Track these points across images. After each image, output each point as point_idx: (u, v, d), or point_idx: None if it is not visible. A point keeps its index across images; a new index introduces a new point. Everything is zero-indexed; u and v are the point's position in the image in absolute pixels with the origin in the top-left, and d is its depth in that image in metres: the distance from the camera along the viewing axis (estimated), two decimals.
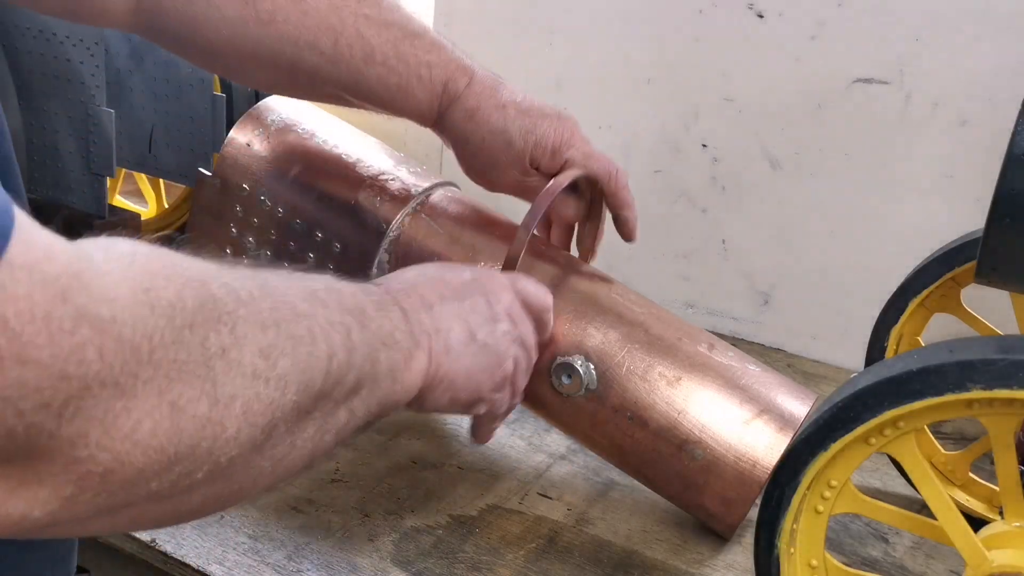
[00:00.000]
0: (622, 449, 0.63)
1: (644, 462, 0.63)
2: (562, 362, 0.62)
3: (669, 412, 0.61)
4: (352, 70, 0.61)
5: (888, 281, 0.71)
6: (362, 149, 0.73)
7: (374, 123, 1.38)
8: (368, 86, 0.62)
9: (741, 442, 0.60)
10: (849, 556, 0.66)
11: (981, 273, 0.49)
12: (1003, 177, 0.45)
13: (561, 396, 0.63)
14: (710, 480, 0.61)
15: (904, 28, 0.90)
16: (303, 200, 0.71)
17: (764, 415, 0.60)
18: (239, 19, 0.58)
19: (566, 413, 0.64)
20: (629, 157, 1.10)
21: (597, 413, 0.63)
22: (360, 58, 0.61)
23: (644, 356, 0.62)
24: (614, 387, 0.62)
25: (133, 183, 1.16)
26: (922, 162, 0.93)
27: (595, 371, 0.62)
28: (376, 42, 0.61)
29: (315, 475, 0.69)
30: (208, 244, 0.75)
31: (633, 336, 0.63)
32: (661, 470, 0.62)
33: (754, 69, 0.99)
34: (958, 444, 0.80)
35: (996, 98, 0.88)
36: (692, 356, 0.63)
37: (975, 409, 0.43)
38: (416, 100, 0.64)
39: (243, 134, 0.73)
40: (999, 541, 0.47)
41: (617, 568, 0.62)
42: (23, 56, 0.84)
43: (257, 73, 0.63)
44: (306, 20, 0.59)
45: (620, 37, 1.07)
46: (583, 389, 0.62)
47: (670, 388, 0.61)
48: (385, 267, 0.69)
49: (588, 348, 0.62)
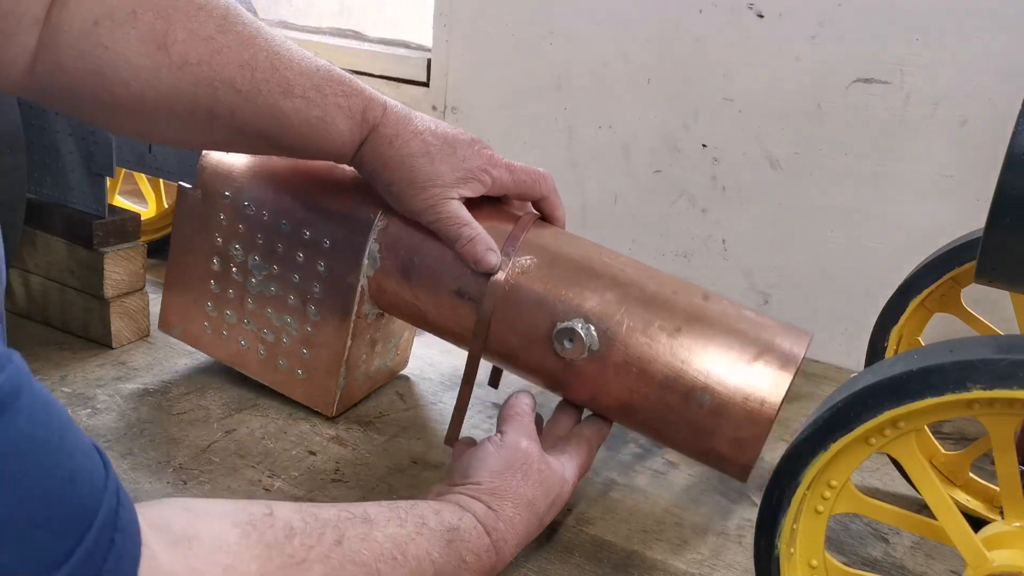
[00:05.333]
0: (630, 406, 0.64)
1: (653, 416, 0.63)
2: (563, 327, 0.63)
3: (673, 362, 0.61)
4: (271, 105, 0.59)
5: (888, 281, 0.71)
6: None
7: None
8: (288, 122, 0.60)
9: (747, 383, 0.60)
10: (849, 556, 0.66)
11: (981, 273, 0.49)
12: (1003, 177, 0.45)
13: (565, 361, 0.64)
14: (720, 423, 0.61)
15: (904, 28, 0.90)
16: (288, 201, 0.71)
17: (765, 355, 0.61)
18: (151, 67, 0.55)
19: (572, 378, 0.65)
20: (629, 157, 1.10)
21: (602, 373, 0.63)
22: (278, 92, 0.59)
23: (642, 312, 0.63)
24: (616, 345, 0.62)
25: (133, 183, 1.16)
26: (922, 162, 0.93)
27: (596, 332, 0.63)
28: (291, 75, 0.59)
29: (315, 475, 0.69)
30: (193, 256, 0.76)
31: (629, 294, 0.63)
32: (671, 421, 0.63)
33: (754, 69, 0.99)
34: (958, 444, 0.80)
35: (996, 98, 0.88)
36: (688, 307, 0.63)
37: (975, 409, 0.43)
38: (338, 131, 0.62)
39: None
40: (999, 541, 0.47)
41: (617, 568, 0.62)
42: None
43: (170, 125, 0.59)
44: (219, 58, 0.57)
45: (620, 37, 1.07)
46: (586, 351, 0.62)
47: (671, 339, 0.62)
48: (376, 257, 0.69)
49: (587, 311, 0.63)
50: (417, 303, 0.69)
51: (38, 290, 0.88)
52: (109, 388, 0.78)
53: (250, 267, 0.73)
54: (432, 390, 0.84)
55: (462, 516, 0.53)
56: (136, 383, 0.79)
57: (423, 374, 0.87)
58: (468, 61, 1.20)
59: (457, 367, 0.89)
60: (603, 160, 1.12)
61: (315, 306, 0.72)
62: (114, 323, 0.84)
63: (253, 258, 0.73)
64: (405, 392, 0.84)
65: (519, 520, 0.56)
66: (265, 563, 0.40)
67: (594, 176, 1.13)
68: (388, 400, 0.82)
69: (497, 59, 1.17)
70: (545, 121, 1.15)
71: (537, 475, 0.58)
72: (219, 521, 0.40)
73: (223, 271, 0.75)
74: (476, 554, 0.52)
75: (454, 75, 1.22)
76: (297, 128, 0.61)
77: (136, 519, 0.34)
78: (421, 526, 0.50)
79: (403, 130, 0.63)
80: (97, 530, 0.32)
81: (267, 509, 0.43)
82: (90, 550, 0.31)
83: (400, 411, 0.80)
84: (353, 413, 0.78)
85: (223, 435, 0.73)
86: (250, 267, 0.73)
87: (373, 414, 0.79)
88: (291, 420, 0.76)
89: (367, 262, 0.69)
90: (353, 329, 0.71)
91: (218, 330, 0.77)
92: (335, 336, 0.72)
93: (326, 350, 0.73)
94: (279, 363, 0.75)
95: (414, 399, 0.82)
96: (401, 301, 0.70)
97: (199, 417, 0.75)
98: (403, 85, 1.29)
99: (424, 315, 0.69)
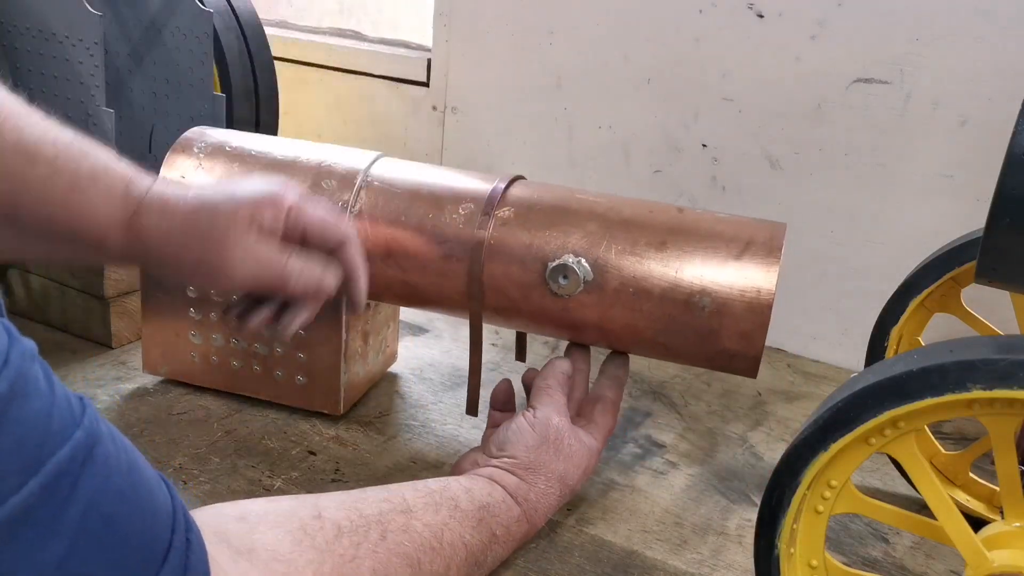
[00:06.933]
0: (635, 327, 0.65)
1: (659, 330, 0.65)
2: (555, 265, 0.65)
3: (667, 273, 0.64)
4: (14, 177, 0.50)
5: (888, 281, 0.71)
6: (294, 148, 0.74)
7: (373, 124, 1.38)
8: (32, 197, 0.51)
9: (740, 276, 0.63)
10: (849, 556, 0.66)
11: (981, 273, 0.48)
12: (1003, 177, 0.45)
13: (563, 299, 0.65)
14: (724, 321, 0.63)
15: (904, 28, 0.90)
16: None
17: (750, 249, 0.64)
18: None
19: (572, 315, 0.66)
20: (629, 157, 1.10)
21: (602, 301, 0.65)
22: (23, 162, 0.50)
23: (625, 235, 0.65)
24: (609, 270, 0.65)
25: None
26: (922, 162, 0.93)
27: (587, 263, 0.65)
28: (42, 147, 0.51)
29: (315, 475, 0.69)
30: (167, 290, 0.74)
31: (610, 221, 0.66)
32: (676, 331, 0.65)
33: (754, 69, 0.99)
34: (958, 444, 0.80)
35: (996, 98, 0.88)
36: (667, 221, 0.66)
37: (975, 409, 0.43)
38: (93, 207, 0.53)
39: (175, 168, 0.72)
40: (999, 541, 0.47)
41: (617, 568, 0.62)
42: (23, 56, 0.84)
43: None
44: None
45: (620, 37, 1.07)
46: (581, 284, 0.65)
47: (660, 253, 0.64)
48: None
49: (574, 246, 0.65)
50: (406, 278, 0.69)
51: (38, 290, 0.88)
52: (109, 388, 0.78)
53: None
54: (432, 390, 0.84)
55: (492, 491, 0.57)
56: (136, 383, 0.79)
57: (423, 374, 0.87)
58: (468, 61, 1.20)
59: (457, 367, 0.89)
60: (603, 160, 1.12)
61: None
62: (114, 323, 0.84)
63: None
64: (405, 392, 0.84)
65: (551, 492, 0.61)
66: (319, 567, 0.43)
67: (594, 176, 1.13)
68: (388, 400, 0.82)
69: (497, 59, 1.17)
70: (545, 121, 1.15)
71: (568, 449, 0.62)
72: (273, 530, 0.43)
73: (201, 296, 0.74)
74: (506, 527, 0.56)
75: (454, 75, 1.22)
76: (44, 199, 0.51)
77: (203, 548, 0.36)
78: (454, 509, 0.53)
79: (173, 196, 0.55)
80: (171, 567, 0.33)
81: (315, 511, 0.46)
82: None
83: (400, 411, 0.80)
84: (353, 413, 0.78)
85: (223, 435, 0.73)
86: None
87: (373, 414, 0.79)
88: (291, 420, 0.76)
89: None
90: (346, 322, 0.72)
91: (207, 357, 0.76)
92: (330, 333, 0.72)
93: (323, 349, 0.73)
94: (276, 375, 0.75)
95: (414, 399, 0.82)
96: (390, 281, 0.70)
97: (199, 417, 0.75)
98: (403, 85, 1.29)
99: (414, 289, 0.70)
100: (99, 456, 0.31)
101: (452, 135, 1.24)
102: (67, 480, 0.29)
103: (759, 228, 0.65)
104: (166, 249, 0.55)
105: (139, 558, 0.32)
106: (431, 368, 0.89)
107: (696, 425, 0.84)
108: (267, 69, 1.10)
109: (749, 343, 0.64)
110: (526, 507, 0.59)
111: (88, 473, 0.30)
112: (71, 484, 0.29)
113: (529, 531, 0.59)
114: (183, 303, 0.75)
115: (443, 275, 0.68)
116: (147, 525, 0.33)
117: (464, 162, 1.23)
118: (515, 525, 0.57)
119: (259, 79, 1.08)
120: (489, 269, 0.66)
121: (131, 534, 0.32)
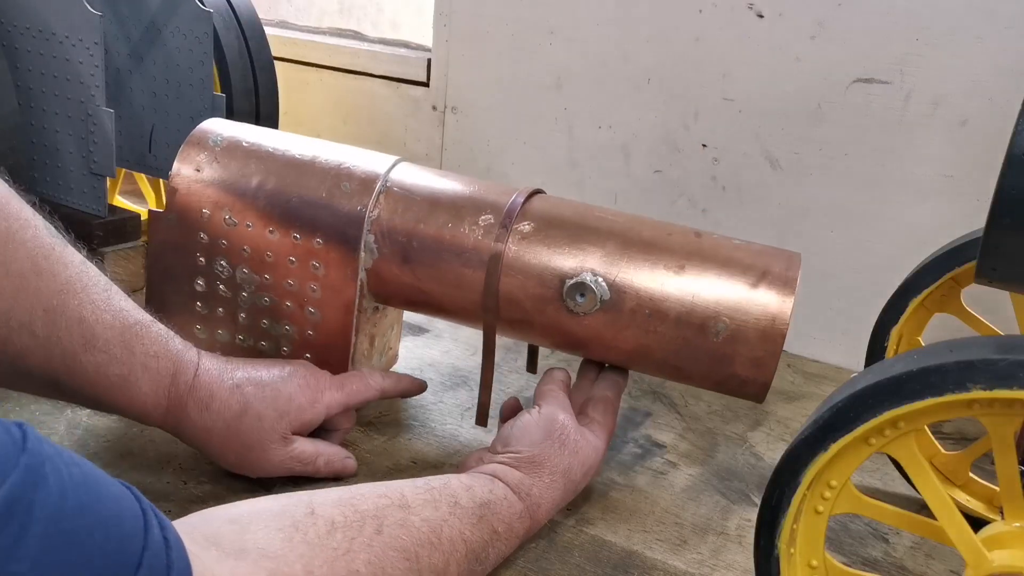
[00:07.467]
0: (648, 348, 0.66)
1: (671, 352, 0.66)
2: (573, 283, 0.65)
3: (683, 298, 0.65)
4: (68, 355, 0.54)
5: (888, 281, 0.71)
6: (313, 147, 0.73)
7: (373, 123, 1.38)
8: (86, 377, 0.56)
9: (755, 305, 0.64)
10: (849, 556, 0.66)
11: (981, 273, 0.48)
12: (1003, 177, 0.45)
13: (579, 316, 0.66)
14: (737, 348, 0.64)
15: (904, 28, 0.90)
16: (272, 208, 0.70)
17: (766, 278, 0.65)
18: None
19: (587, 332, 0.67)
20: (629, 157, 1.10)
21: (617, 321, 0.66)
22: (79, 344, 0.54)
23: (645, 256, 0.66)
24: (626, 291, 0.65)
25: (133, 183, 1.16)
26: (922, 162, 0.93)
27: (604, 282, 0.65)
28: (99, 328, 0.55)
29: None
30: (174, 282, 0.74)
31: (629, 242, 0.67)
32: (689, 354, 0.66)
33: (754, 69, 0.99)
34: (958, 444, 0.80)
35: (996, 98, 0.88)
36: (686, 245, 0.67)
37: (975, 409, 0.43)
38: (141, 392, 0.58)
39: (188, 163, 0.72)
40: (999, 541, 0.47)
41: (617, 568, 0.62)
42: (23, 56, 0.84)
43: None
44: (23, 298, 0.52)
45: (620, 37, 1.07)
46: (598, 302, 0.65)
47: (677, 277, 0.65)
48: (373, 248, 0.69)
49: (592, 264, 0.66)
50: (420, 286, 0.69)
51: None
52: None
53: (239, 281, 0.72)
54: (432, 390, 0.84)
55: (493, 487, 0.57)
56: None
57: (423, 374, 0.87)
58: (468, 61, 1.20)
59: (457, 367, 0.89)
60: (603, 160, 1.12)
61: (314, 307, 0.71)
62: None
63: (242, 271, 0.71)
64: None
65: (555, 486, 0.61)
66: (310, 561, 0.43)
67: (594, 176, 1.13)
68: (388, 400, 0.81)
69: (497, 59, 1.17)
70: (545, 121, 1.15)
71: (573, 445, 0.63)
72: (264, 529, 0.43)
73: (209, 290, 0.73)
74: (507, 523, 0.56)
75: (454, 75, 1.22)
76: (96, 383, 0.56)
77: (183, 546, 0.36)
78: (454, 506, 0.53)
79: (219, 388, 0.60)
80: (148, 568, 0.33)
81: (309, 508, 0.46)
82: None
83: (400, 411, 0.80)
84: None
85: None
86: (239, 281, 0.72)
87: (373, 414, 0.79)
88: None
89: (364, 254, 0.69)
90: (356, 326, 0.71)
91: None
92: (338, 334, 0.72)
93: (331, 350, 0.73)
94: None
95: (414, 399, 0.82)
96: (403, 287, 0.70)
97: None
98: (403, 85, 1.29)
99: (429, 297, 0.70)
100: (50, 475, 0.31)
101: (452, 135, 1.24)
102: (20, 506, 0.29)
103: (775, 257, 0.66)
104: (207, 444, 0.61)
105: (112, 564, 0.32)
106: (431, 368, 0.89)
107: (696, 425, 0.84)
108: (267, 69, 1.09)
109: (760, 370, 0.65)
110: (529, 502, 0.59)
111: (42, 494, 0.30)
112: (25, 509, 0.29)
113: (532, 527, 0.59)
114: (191, 297, 0.74)
115: (459, 286, 0.68)
116: (113, 534, 0.32)
117: (464, 162, 1.23)
118: (517, 521, 0.58)
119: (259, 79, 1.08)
120: (506, 282, 0.67)
121: (97, 545, 0.31)
